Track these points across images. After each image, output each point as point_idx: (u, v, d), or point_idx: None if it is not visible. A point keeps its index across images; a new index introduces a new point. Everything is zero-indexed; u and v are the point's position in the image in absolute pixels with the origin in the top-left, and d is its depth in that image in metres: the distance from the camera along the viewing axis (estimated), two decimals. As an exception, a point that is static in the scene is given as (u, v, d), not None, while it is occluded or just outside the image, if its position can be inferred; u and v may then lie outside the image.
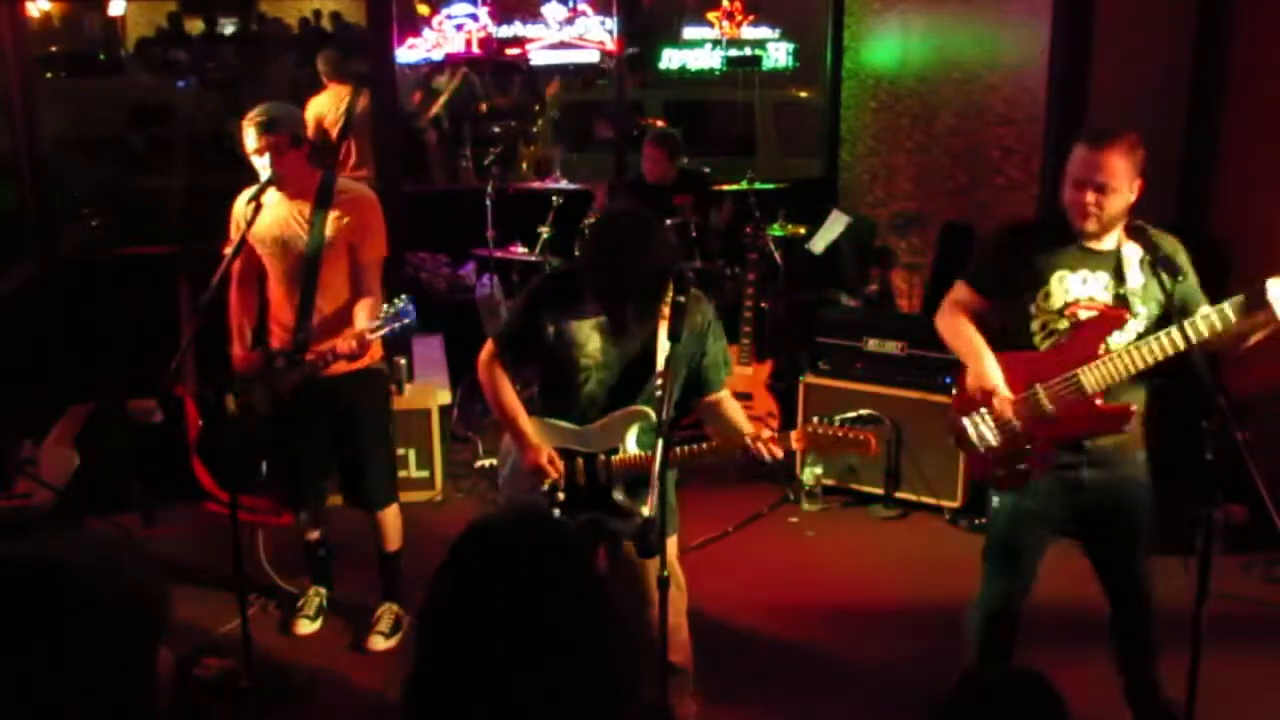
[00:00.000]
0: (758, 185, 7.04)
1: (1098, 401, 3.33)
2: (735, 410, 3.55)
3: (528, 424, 3.50)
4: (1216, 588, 3.08)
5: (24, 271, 6.49)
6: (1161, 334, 3.24)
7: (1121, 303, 3.36)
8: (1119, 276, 3.36)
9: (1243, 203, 5.33)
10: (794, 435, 3.35)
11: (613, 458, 3.42)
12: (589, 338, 3.43)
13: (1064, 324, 3.37)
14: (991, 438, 3.44)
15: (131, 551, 1.57)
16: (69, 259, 6.76)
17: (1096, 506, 3.45)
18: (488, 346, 3.58)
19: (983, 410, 3.43)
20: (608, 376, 3.45)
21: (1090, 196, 3.25)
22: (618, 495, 3.43)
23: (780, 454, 3.35)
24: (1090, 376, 3.31)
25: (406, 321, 3.83)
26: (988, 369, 3.40)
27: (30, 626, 1.43)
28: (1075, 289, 3.37)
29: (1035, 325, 3.41)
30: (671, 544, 3.47)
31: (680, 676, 3.63)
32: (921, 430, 5.43)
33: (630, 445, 3.42)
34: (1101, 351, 3.32)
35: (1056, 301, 3.37)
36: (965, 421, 3.47)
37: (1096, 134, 3.30)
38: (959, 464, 5.28)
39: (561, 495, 3.44)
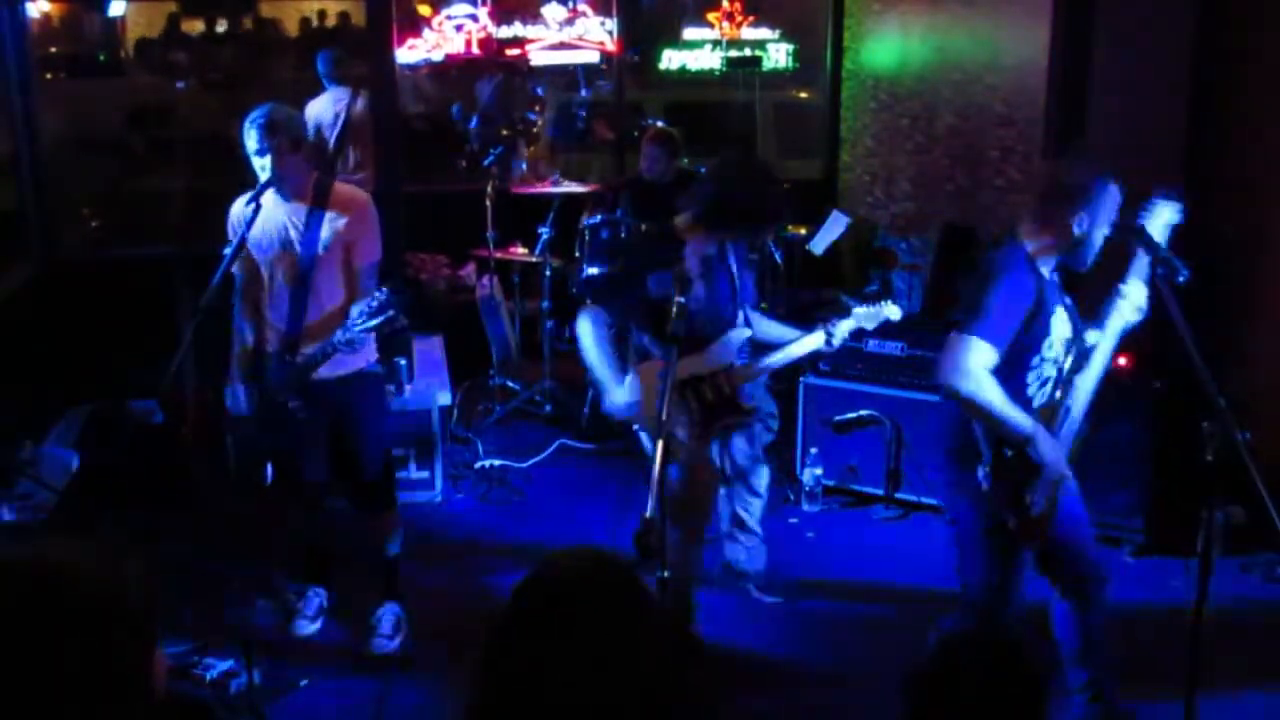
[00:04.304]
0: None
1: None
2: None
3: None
4: (1216, 588, 3.09)
5: (24, 271, 6.49)
6: (1090, 334, 3.30)
7: (1087, 328, 3.38)
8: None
9: (1246, 200, 5.33)
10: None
11: (731, 370, 4.16)
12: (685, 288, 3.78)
13: (1051, 370, 3.31)
14: (1045, 505, 3.32)
15: (126, 557, 1.57)
16: (69, 259, 6.77)
17: (1059, 509, 3.42)
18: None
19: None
20: (703, 317, 4.07)
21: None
22: (740, 399, 4.19)
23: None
24: (1077, 407, 3.31)
25: (390, 314, 3.79)
26: (1058, 451, 3.25)
27: (26, 629, 1.42)
28: (1061, 328, 3.31)
29: (1031, 377, 3.30)
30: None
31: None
32: (921, 430, 5.42)
33: (739, 360, 4.20)
34: (1077, 384, 3.31)
35: (1057, 348, 3.30)
36: (1027, 495, 3.30)
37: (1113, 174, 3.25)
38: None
39: (695, 409, 4.09)
